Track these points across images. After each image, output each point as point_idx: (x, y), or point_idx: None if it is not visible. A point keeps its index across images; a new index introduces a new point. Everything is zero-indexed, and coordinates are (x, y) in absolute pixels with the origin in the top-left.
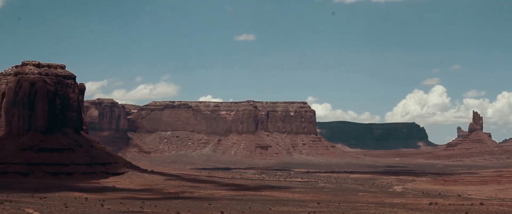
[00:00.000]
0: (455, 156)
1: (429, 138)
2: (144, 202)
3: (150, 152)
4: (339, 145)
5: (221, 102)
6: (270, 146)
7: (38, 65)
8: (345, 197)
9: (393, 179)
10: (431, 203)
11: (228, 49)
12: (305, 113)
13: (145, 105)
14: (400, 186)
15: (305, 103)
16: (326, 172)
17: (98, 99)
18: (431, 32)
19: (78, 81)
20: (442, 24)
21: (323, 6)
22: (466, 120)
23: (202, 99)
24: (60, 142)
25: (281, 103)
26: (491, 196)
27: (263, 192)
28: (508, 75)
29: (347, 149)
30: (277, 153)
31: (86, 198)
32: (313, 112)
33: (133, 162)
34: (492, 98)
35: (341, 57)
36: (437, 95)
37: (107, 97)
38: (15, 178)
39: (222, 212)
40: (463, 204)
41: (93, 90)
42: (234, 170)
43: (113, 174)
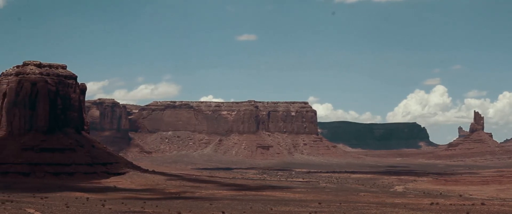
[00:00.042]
0: (456, 156)
1: (430, 138)
2: (145, 202)
3: (151, 152)
4: (340, 145)
5: (222, 102)
6: (271, 146)
7: (39, 65)
8: (346, 197)
9: (394, 179)
10: (432, 203)
11: (229, 49)
12: (306, 113)
13: (146, 106)
14: (401, 186)
15: (306, 103)
16: (327, 172)
17: (99, 99)
18: (432, 32)
19: (79, 81)
20: (443, 24)
21: (324, 6)
22: (467, 120)
23: (203, 99)
24: (61, 142)
25: (282, 103)
26: (492, 196)
27: (264, 192)
28: (509, 75)
29: (348, 149)
30: (278, 153)
31: (87, 198)
32: (314, 112)
33: (134, 162)
34: (493, 98)
35: (342, 57)
36: (438, 95)
37: (108, 97)
38: (16, 178)
39: (223, 212)
40: (464, 204)
41: (94, 90)
42: (235, 170)
43: (114, 174)
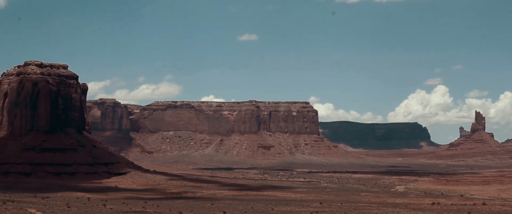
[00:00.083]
0: (457, 156)
1: (431, 138)
2: (146, 202)
3: (152, 152)
4: (341, 145)
5: (223, 102)
6: (272, 146)
7: (40, 65)
8: (348, 197)
9: (395, 179)
10: (433, 203)
11: (230, 49)
12: (307, 113)
13: (148, 105)
14: (402, 186)
15: (307, 103)
16: (328, 172)
17: (100, 99)
18: (433, 32)
19: (80, 81)
20: (444, 24)
21: (325, 6)
22: (468, 120)
23: (204, 99)
24: (62, 142)
25: (283, 103)
26: (493, 196)
27: (266, 192)
28: (510, 75)
29: (350, 149)
30: (280, 153)
31: (88, 198)
32: (316, 112)
33: (136, 162)
34: (494, 98)
35: (343, 57)
36: (440, 95)
37: (109, 97)
38: (18, 178)
39: (224, 212)
40: (465, 204)
41: (96, 90)
42: (236, 170)
43: (115, 174)
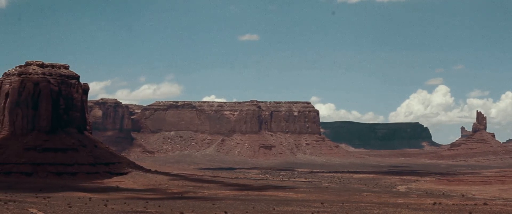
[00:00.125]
0: (458, 156)
1: (432, 138)
2: (147, 202)
3: (153, 152)
4: (342, 145)
5: (224, 102)
6: (273, 146)
7: (41, 65)
8: (349, 197)
9: (396, 179)
10: (434, 203)
11: (231, 49)
12: (308, 113)
13: (149, 105)
14: (403, 186)
15: (308, 103)
16: (329, 172)
17: (101, 99)
18: (434, 32)
19: (81, 81)
20: (445, 24)
21: (327, 6)
22: (469, 120)
23: (205, 99)
24: (63, 142)
25: (284, 103)
26: (494, 196)
27: (267, 192)
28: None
29: (351, 149)
30: (281, 153)
31: (89, 198)
32: (317, 112)
33: (137, 162)
34: (495, 98)
35: (344, 57)
36: (441, 95)
37: (110, 97)
38: (19, 178)
39: (225, 212)
40: (466, 204)
41: (97, 90)
42: (237, 170)
43: (116, 174)
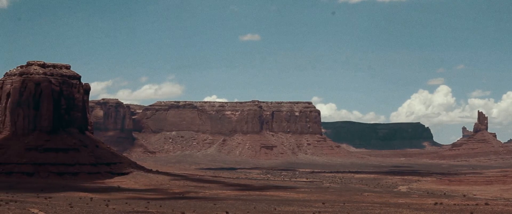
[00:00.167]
0: (460, 156)
1: (434, 138)
2: (149, 202)
3: (155, 152)
4: (344, 145)
5: (226, 102)
6: (275, 146)
7: (43, 66)
8: (350, 197)
9: (398, 179)
10: (436, 203)
11: (233, 49)
12: (310, 113)
13: (150, 106)
14: (405, 186)
15: (310, 103)
16: (331, 172)
17: (103, 99)
18: (435, 32)
19: (83, 81)
20: (446, 23)
21: (328, 6)
22: (471, 120)
23: (207, 99)
24: (65, 142)
25: (286, 103)
26: (496, 196)
27: (268, 192)
28: None
29: (352, 149)
30: (282, 153)
31: (91, 198)
32: (318, 112)
33: (138, 162)
34: (497, 98)
35: (345, 57)
36: (442, 95)
37: (112, 97)
38: (20, 178)
39: (227, 212)
40: (468, 204)
41: (98, 90)
42: (239, 170)
43: (118, 174)
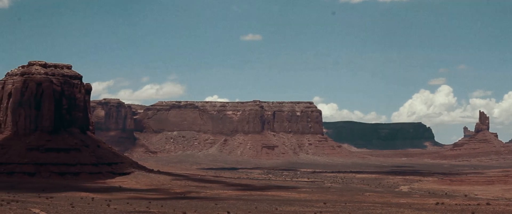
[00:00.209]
0: (461, 156)
1: (435, 138)
2: (150, 202)
3: (156, 152)
4: (345, 145)
5: (227, 102)
6: (276, 146)
7: (44, 66)
8: (352, 197)
9: (399, 179)
10: (437, 203)
11: (234, 49)
12: (311, 113)
13: (152, 105)
14: (406, 186)
15: (311, 103)
16: (332, 172)
17: (104, 99)
18: (437, 32)
19: (84, 81)
20: (448, 24)
21: (329, 6)
22: (472, 120)
23: (208, 99)
24: (66, 142)
25: (287, 103)
26: (497, 196)
27: (270, 192)
28: None
29: (354, 149)
30: (284, 153)
31: (92, 198)
32: (320, 112)
33: (140, 162)
34: (498, 98)
35: (347, 57)
36: (444, 95)
37: (113, 97)
38: (22, 178)
39: (228, 212)
40: (469, 204)
41: (100, 90)
42: (240, 170)
43: (119, 174)
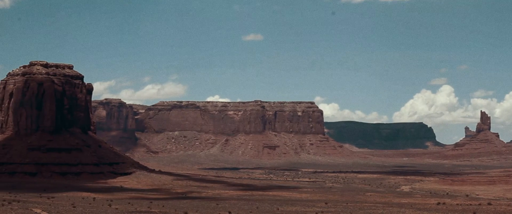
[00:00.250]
0: (463, 156)
1: (437, 138)
2: (151, 202)
3: (157, 152)
4: (346, 145)
5: (228, 102)
6: (277, 146)
7: (46, 66)
8: (353, 197)
9: (400, 179)
10: (439, 203)
11: (235, 49)
12: (312, 113)
13: (153, 106)
14: (407, 186)
15: (312, 103)
16: (333, 172)
17: (105, 99)
18: (438, 32)
19: (85, 81)
20: (449, 23)
21: (330, 6)
22: (473, 120)
23: (209, 99)
24: (68, 142)
25: (288, 103)
26: (499, 196)
27: (271, 192)
28: None
29: (355, 149)
30: (285, 153)
31: (94, 198)
32: (321, 112)
33: (141, 162)
34: (500, 98)
35: (348, 57)
36: (445, 95)
37: (114, 97)
38: (23, 178)
39: (229, 212)
40: (471, 204)
41: (101, 90)
42: (241, 170)
43: (120, 174)
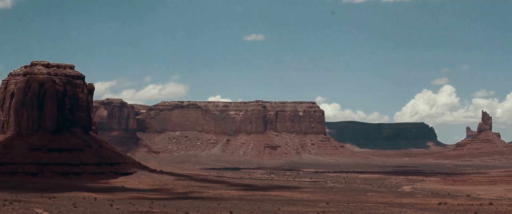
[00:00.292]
0: (464, 156)
1: (438, 138)
2: (153, 202)
3: (159, 152)
4: (348, 145)
5: (230, 102)
6: (279, 146)
7: (47, 66)
8: (354, 197)
9: (402, 179)
10: (440, 203)
11: (237, 49)
12: (314, 113)
13: (154, 106)
14: (409, 186)
15: (314, 103)
16: (335, 172)
17: (107, 99)
18: (440, 32)
19: (87, 81)
20: (451, 24)
21: (332, 6)
22: (475, 120)
23: (211, 99)
24: (69, 142)
25: (290, 103)
26: (500, 196)
27: (272, 192)
28: None
29: (356, 149)
30: (286, 153)
31: (95, 198)
32: (322, 112)
33: (142, 162)
34: (501, 98)
35: (349, 57)
36: (446, 95)
37: (116, 97)
38: (24, 178)
39: (231, 212)
40: (472, 204)
41: (102, 90)
42: (243, 170)
43: (122, 174)
